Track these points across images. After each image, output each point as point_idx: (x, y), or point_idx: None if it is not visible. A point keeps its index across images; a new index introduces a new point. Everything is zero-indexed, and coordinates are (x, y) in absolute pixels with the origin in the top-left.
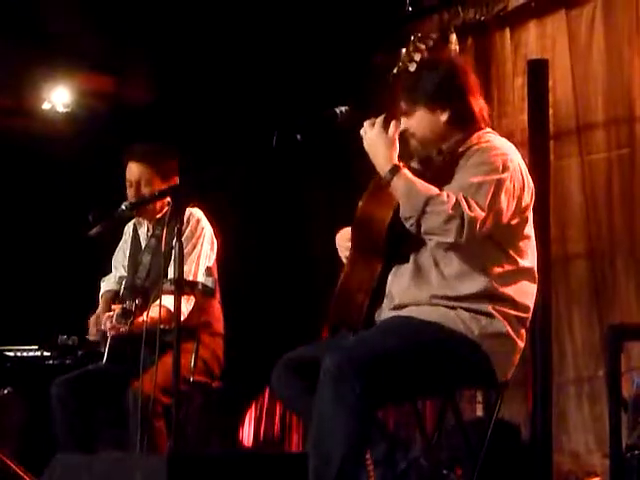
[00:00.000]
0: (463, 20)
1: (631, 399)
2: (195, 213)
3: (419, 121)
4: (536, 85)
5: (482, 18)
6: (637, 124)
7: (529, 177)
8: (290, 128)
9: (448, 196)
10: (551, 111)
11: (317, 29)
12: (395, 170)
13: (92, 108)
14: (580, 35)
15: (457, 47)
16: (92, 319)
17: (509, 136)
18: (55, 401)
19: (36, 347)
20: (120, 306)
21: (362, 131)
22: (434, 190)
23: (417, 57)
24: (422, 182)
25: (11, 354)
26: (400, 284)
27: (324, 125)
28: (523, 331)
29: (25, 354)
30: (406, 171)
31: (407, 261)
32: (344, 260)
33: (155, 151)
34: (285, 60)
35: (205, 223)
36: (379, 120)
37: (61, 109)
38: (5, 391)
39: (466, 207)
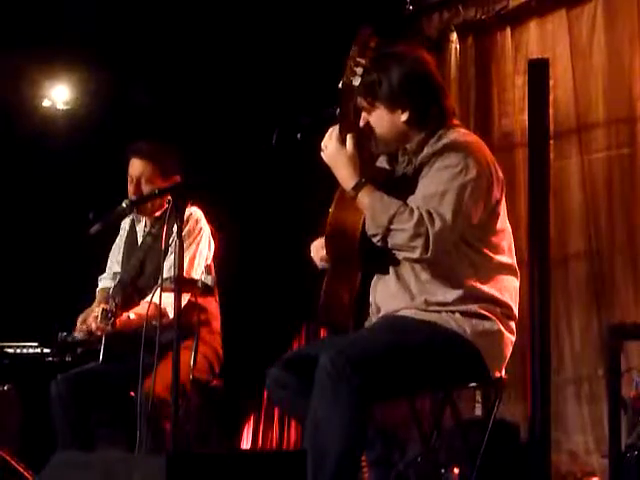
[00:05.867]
0: (464, 19)
1: (630, 399)
2: (195, 213)
3: (378, 119)
4: (536, 84)
5: (483, 17)
6: (638, 124)
7: (498, 171)
8: (290, 127)
9: (412, 211)
10: (551, 111)
11: (316, 28)
12: (358, 187)
13: (92, 106)
14: (581, 34)
15: (457, 46)
16: (80, 317)
17: (509, 136)
18: (54, 399)
19: (36, 344)
20: (101, 307)
21: (322, 144)
22: (398, 205)
23: (359, 71)
24: (386, 197)
25: (10, 351)
26: (383, 294)
27: (324, 124)
28: (511, 323)
29: (25, 351)
30: (369, 186)
31: (386, 269)
32: (320, 267)
33: (158, 149)
34: (285, 60)
35: (204, 223)
36: (335, 134)
37: (61, 107)
38: (4, 388)
39: (429, 223)
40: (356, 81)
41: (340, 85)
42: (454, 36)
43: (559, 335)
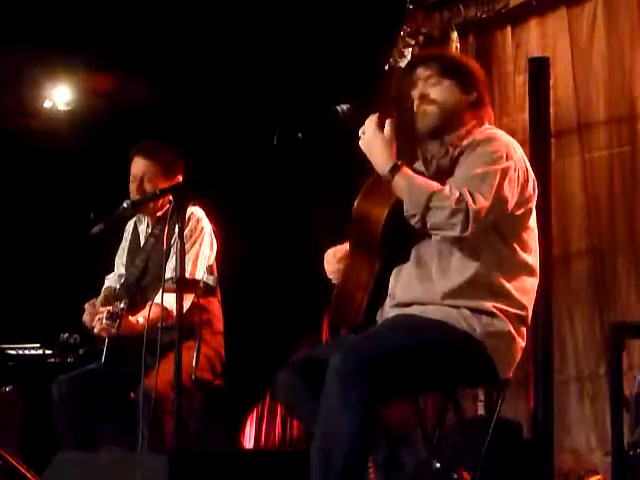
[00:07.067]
0: (464, 18)
1: (633, 397)
2: (196, 212)
3: (447, 89)
4: (537, 83)
5: (483, 16)
6: (638, 122)
7: (531, 171)
8: (291, 126)
9: (451, 190)
10: (552, 109)
11: (318, 27)
12: (395, 169)
13: (93, 107)
14: (581, 33)
15: (458, 45)
16: (87, 306)
17: (510, 134)
18: (56, 400)
19: (37, 345)
20: (107, 309)
21: (360, 131)
22: (436, 185)
23: (407, 53)
24: (423, 178)
25: (12, 352)
26: (402, 282)
27: (325, 123)
28: (524, 329)
29: (26, 352)
30: (406, 169)
31: (407, 260)
32: (333, 281)
33: (160, 148)
34: (287, 58)
35: (205, 222)
36: (374, 120)
37: (62, 107)
38: (6, 389)
39: (470, 200)
40: (402, 63)
41: (386, 67)
42: (455, 35)
43: (561, 334)
